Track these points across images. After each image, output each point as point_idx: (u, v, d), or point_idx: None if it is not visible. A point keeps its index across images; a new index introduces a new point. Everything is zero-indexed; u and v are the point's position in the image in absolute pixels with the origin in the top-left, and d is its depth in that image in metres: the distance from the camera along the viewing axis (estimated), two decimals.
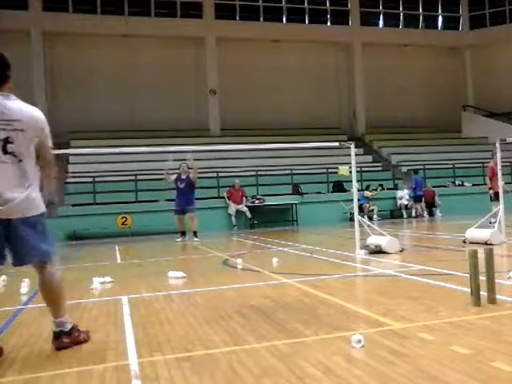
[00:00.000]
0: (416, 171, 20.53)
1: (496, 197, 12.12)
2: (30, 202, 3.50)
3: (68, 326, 3.71)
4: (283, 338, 3.58)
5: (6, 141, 3.43)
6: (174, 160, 13.71)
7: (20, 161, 3.47)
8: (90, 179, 18.19)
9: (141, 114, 24.15)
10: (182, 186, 13.35)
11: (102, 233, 16.48)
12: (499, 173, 9.60)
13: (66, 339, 3.65)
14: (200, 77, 24.89)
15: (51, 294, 3.67)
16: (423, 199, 19.89)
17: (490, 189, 12.23)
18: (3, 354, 3.54)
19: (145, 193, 18.33)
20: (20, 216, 3.45)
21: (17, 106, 3.52)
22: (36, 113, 3.61)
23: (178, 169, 13.63)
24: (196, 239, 13.04)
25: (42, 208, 3.61)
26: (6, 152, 3.43)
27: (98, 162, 19.47)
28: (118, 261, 10.00)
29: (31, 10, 22.89)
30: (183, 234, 13.43)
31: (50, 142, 3.66)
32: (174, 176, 13.55)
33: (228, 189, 18.18)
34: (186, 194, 13.29)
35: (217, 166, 20.11)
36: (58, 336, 3.65)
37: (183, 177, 13.37)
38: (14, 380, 3.07)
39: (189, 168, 13.45)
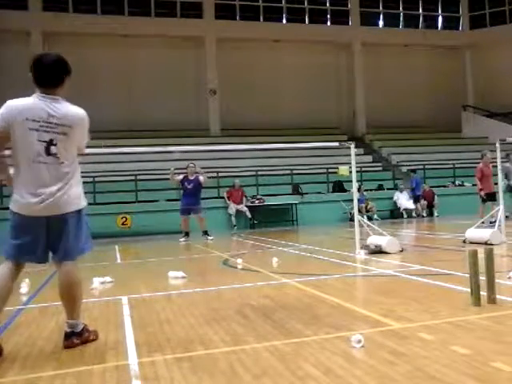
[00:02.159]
0: (414, 171, 20.49)
1: (489, 197, 12.17)
2: (67, 199, 3.58)
3: (80, 327, 3.73)
4: (283, 338, 3.58)
5: (50, 143, 3.54)
6: (176, 160, 13.71)
7: (62, 163, 3.58)
8: (90, 179, 18.19)
9: (141, 114, 24.14)
10: (189, 186, 13.31)
11: (102, 233, 16.48)
12: (499, 173, 9.60)
13: (77, 340, 3.67)
14: (200, 77, 24.89)
15: (67, 294, 3.68)
16: (422, 199, 19.90)
17: (481, 190, 12.22)
18: (3, 353, 3.54)
19: (145, 193, 18.32)
20: (57, 213, 3.55)
21: (65, 110, 3.64)
22: (81, 116, 3.74)
23: (185, 168, 13.60)
24: (210, 237, 13.10)
25: (81, 204, 3.70)
26: (48, 153, 3.53)
27: (98, 162, 19.47)
28: (118, 261, 10.00)
29: (31, 10, 22.88)
30: (187, 234, 13.42)
31: (86, 138, 3.81)
32: (181, 176, 13.51)
33: (228, 189, 18.18)
34: (193, 195, 13.28)
35: (217, 165, 20.10)
36: (68, 336, 3.67)
37: (191, 177, 13.33)
38: (14, 380, 3.07)
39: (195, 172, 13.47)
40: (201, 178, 13.31)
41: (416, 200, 19.66)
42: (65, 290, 3.68)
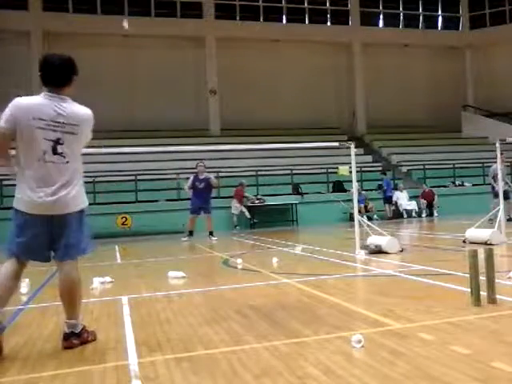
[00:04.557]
0: (384, 173, 20.17)
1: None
2: (70, 198, 3.60)
3: (79, 328, 3.72)
4: (283, 338, 3.58)
5: (57, 142, 3.55)
6: (173, 160, 13.71)
7: (68, 162, 3.59)
8: (90, 179, 18.18)
9: (141, 114, 24.15)
10: (201, 186, 13.26)
11: (101, 233, 16.48)
12: (499, 173, 9.60)
13: (76, 340, 3.67)
14: (200, 77, 24.89)
15: (68, 294, 3.68)
16: (421, 199, 19.88)
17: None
18: (3, 353, 3.54)
19: (145, 193, 18.32)
20: (60, 212, 3.57)
21: (73, 109, 3.64)
22: (88, 116, 3.75)
23: (195, 168, 13.57)
24: (214, 238, 13.12)
25: (83, 205, 3.71)
26: (55, 153, 3.55)
27: (98, 162, 19.47)
28: (118, 261, 10.00)
29: (31, 10, 22.90)
30: (190, 233, 13.40)
31: (90, 137, 3.84)
32: (191, 179, 13.45)
33: (238, 187, 17.97)
34: (204, 195, 13.26)
35: (217, 165, 20.09)
36: (68, 337, 3.67)
37: (201, 177, 13.28)
38: (14, 380, 3.07)
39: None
40: (212, 179, 13.29)
41: (387, 201, 19.22)
42: (65, 290, 3.68)
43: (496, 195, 13.49)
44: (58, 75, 3.64)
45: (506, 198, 13.12)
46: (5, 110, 3.54)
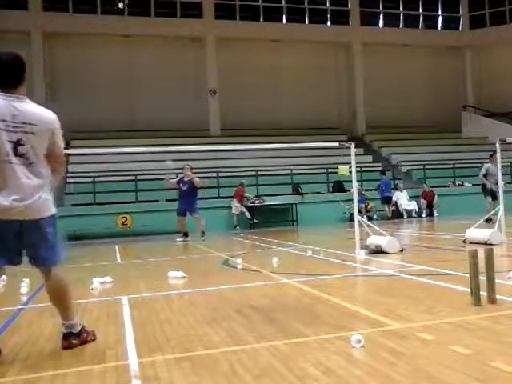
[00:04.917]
0: (384, 173, 20.09)
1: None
2: (41, 203, 3.51)
3: (78, 328, 3.71)
4: (283, 338, 3.58)
5: (18, 143, 3.45)
6: (173, 160, 13.70)
7: (31, 163, 3.49)
8: (90, 179, 18.19)
9: (141, 114, 24.17)
10: (184, 188, 13.29)
11: (102, 233, 16.49)
12: (499, 173, 9.59)
13: (75, 340, 3.66)
14: (200, 77, 24.90)
15: (59, 298, 3.67)
16: (422, 199, 19.87)
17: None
18: (2, 353, 3.54)
19: (145, 193, 18.32)
20: (32, 217, 3.48)
21: (30, 108, 3.53)
22: (48, 115, 3.60)
23: (182, 169, 13.59)
24: (202, 238, 13.08)
25: (53, 210, 3.62)
26: (16, 154, 3.45)
27: (98, 162, 19.49)
28: (118, 261, 9.99)
29: (31, 10, 22.90)
30: (185, 234, 13.42)
31: (61, 143, 3.68)
32: (176, 179, 13.52)
33: (238, 187, 17.95)
34: (187, 197, 13.25)
35: (217, 166, 20.10)
36: (67, 337, 3.66)
37: (186, 179, 13.31)
38: (14, 380, 3.07)
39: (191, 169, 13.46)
40: (196, 180, 13.28)
41: (384, 202, 19.17)
42: (53, 295, 3.66)
43: (486, 194, 13.56)
44: (9, 75, 3.53)
45: (495, 197, 13.22)
46: None
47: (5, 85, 3.51)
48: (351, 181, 9.05)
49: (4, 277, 6.26)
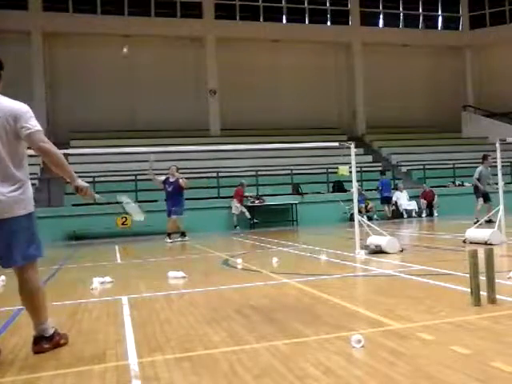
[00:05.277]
0: (383, 172, 19.99)
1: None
2: (15, 201, 3.41)
3: (50, 332, 3.62)
4: (283, 338, 3.58)
5: None
6: (173, 160, 13.69)
7: (2, 159, 3.38)
8: (90, 179, 18.18)
9: (141, 114, 24.17)
10: (169, 189, 13.25)
11: (102, 233, 16.48)
12: (499, 173, 9.58)
13: (46, 344, 3.56)
14: (200, 77, 24.90)
15: (31, 300, 3.57)
16: (421, 199, 19.86)
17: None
18: (1, 354, 3.54)
19: (145, 193, 18.31)
20: (7, 216, 3.39)
21: None
22: (14, 109, 3.42)
23: (168, 169, 13.53)
24: (169, 241, 13.03)
25: (30, 208, 3.52)
26: None
27: (98, 162, 19.48)
28: (118, 261, 10.00)
29: (31, 10, 22.89)
30: (183, 234, 13.40)
31: (33, 130, 3.40)
32: (163, 177, 13.43)
33: (238, 187, 17.94)
34: (173, 197, 13.21)
35: (217, 166, 20.10)
36: (37, 341, 3.56)
37: (171, 179, 13.24)
38: (14, 380, 3.07)
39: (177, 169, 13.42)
40: (181, 180, 13.24)
41: (384, 202, 19.06)
42: (27, 297, 3.57)
43: (478, 196, 13.64)
44: None
45: (487, 199, 13.26)
46: None
47: None
48: (351, 181, 9.05)
49: (3, 277, 6.28)
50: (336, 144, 9.72)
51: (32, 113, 3.49)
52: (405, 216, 19.54)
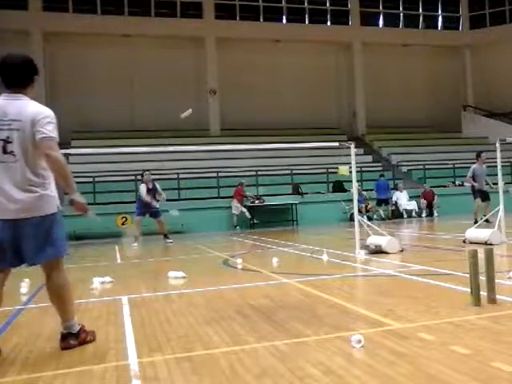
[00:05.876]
0: (382, 175, 19.95)
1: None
2: (36, 201, 3.46)
3: (76, 328, 3.70)
4: (283, 338, 3.58)
5: (6, 140, 3.43)
6: (173, 160, 13.65)
7: (17, 161, 3.43)
8: (90, 179, 18.19)
9: (141, 114, 24.16)
10: (151, 193, 13.05)
11: (102, 233, 16.47)
12: (499, 172, 9.58)
13: (73, 341, 3.65)
14: (200, 77, 24.90)
15: (58, 298, 3.65)
16: (422, 199, 19.84)
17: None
18: (1, 353, 3.54)
19: None
20: (26, 216, 3.44)
21: (19, 105, 3.48)
22: (32, 109, 3.48)
23: (142, 177, 13.26)
24: (169, 241, 13.00)
25: (53, 208, 3.55)
26: (5, 151, 3.43)
27: (98, 162, 19.48)
28: (118, 261, 10.00)
29: (31, 10, 22.90)
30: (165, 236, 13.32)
31: (46, 136, 3.44)
32: (144, 190, 12.99)
33: (238, 187, 17.93)
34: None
35: (217, 165, 20.10)
36: (65, 337, 3.65)
37: (150, 186, 13.07)
38: (14, 380, 3.07)
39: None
40: (157, 186, 13.09)
41: (379, 203, 19.01)
42: (53, 294, 3.64)
43: (476, 196, 13.68)
44: (16, 76, 3.53)
45: (486, 198, 13.26)
46: None
47: (11, 86, 3.53)
48: (351, 181, 9.06)
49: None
50: (336, 144, 9.73)
51: (53, 119, 3.53)
52: (405, 216, 19.53)
